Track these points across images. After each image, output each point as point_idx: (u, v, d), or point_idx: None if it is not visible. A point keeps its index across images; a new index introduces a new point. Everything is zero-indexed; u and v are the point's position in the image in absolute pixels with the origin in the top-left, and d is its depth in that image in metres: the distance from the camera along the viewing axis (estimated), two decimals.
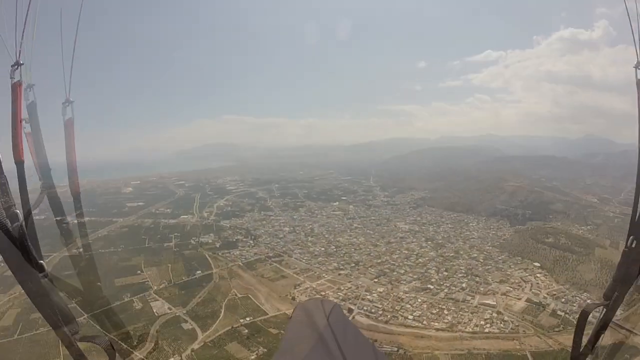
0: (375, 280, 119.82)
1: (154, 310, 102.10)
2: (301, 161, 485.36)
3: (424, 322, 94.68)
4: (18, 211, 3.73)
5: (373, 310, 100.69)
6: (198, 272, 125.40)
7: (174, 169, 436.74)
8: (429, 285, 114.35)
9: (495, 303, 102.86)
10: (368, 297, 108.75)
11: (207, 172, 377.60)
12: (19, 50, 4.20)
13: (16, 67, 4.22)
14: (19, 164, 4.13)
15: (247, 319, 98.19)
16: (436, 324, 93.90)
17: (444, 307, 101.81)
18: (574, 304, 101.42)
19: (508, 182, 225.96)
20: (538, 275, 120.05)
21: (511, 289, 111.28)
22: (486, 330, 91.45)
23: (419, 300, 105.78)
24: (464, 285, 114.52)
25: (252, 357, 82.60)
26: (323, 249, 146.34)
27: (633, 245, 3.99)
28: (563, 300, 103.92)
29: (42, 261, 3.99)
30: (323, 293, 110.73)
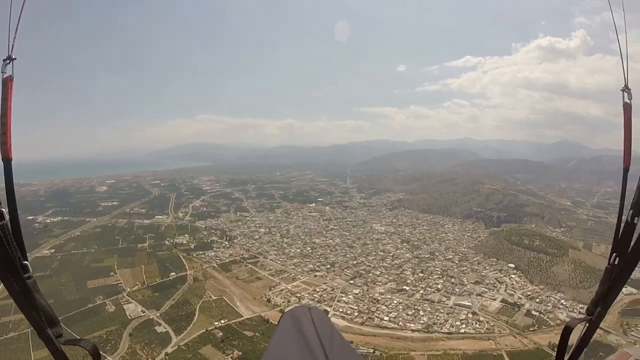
0: (351, 281, 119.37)
1: (127, 313, 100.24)
2: (278, 162, 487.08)
3: (400, 323, 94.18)
4: (4, 210, 3.50)
5: (349, 312, 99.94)
6: (172, 273, 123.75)
7: (149, 168, 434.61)
8: (404, 287, 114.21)
9: (470, 304, 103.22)
10: (344, 298, 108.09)
11: (182, 171, 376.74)
12: (12, 44, 3.93)
13: (8, 61, 3.89)
14: (6, 160, 3.82)
15: (222, 321, 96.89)
16: (412, 325, 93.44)
17: (420, 308, 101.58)
18: (549, 304, 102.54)
19: (484, 185, 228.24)
20: (513, 276, 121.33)
21: (486, 289, 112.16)
22: (462, 330, 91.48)
23: (395, 301, 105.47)
24: (439, 286, 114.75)
25: None
26: (299, 250, 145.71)
27: (615, 262, 3.50)
28: (537, 300, 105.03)
29: (26, 262, 3.67)
30: (298, 295, 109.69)
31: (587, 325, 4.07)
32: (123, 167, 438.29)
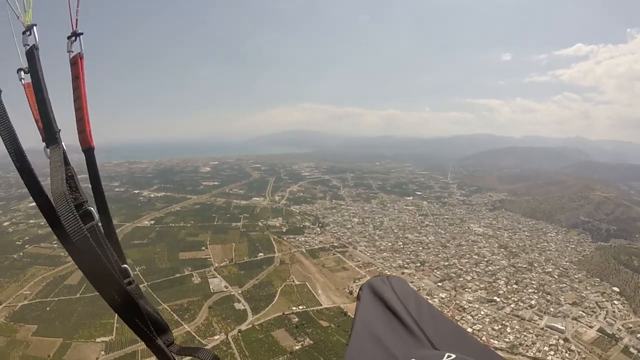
0: (439, 284, 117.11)
1: (211, 287, 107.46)
2: (378, 152, 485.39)
3: (483, 338, 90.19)
4: (92, 208, 3.08)
5: None
6: (260, 254, 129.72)
7: (252, 152, 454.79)
8: (495, 297, 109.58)
9: (564, 328, 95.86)
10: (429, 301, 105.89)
11: (283, 157, 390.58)
12: (77, 18, 3.59)
13: (74, 38, 3.56)
14: (88, 151, 3.48)
15: (300, 307, 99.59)
16: (495, 342, 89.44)
17: (508, 324, 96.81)
18: None
19: (594, 192, 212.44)
20: (616, 302, 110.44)
21: (584, 314, 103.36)
22: (549, 358, 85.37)
23: (482, 312, 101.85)
24: (533, 302, 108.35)
25: (297, 348, 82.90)
26: (390, 244, 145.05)
27: None
28: (639, 335, 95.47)
29: (125, 265, 3.35)
30: None
31: None
32: (227, 150, 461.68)
